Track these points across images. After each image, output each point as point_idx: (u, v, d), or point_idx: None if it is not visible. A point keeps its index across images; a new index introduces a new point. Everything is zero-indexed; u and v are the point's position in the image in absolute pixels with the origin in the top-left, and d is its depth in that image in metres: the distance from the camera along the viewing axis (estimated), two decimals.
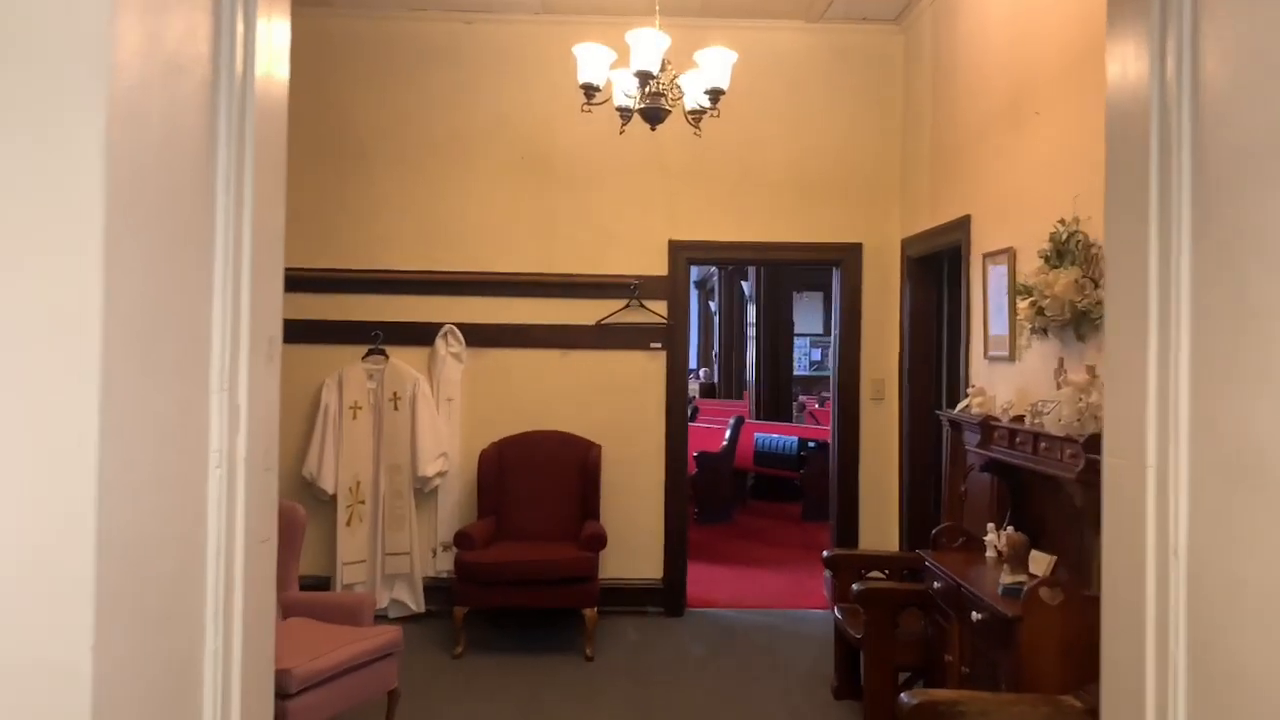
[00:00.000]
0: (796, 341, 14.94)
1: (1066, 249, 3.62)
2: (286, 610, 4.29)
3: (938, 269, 5.80)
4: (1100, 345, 3.39)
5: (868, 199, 6.02)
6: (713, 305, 15.82)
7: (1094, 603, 3.01)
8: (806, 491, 9.19)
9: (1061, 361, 3.50)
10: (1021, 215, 4.17)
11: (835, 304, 6.10)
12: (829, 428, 10.22)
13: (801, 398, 13.56)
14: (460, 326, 5.94)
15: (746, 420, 9.69)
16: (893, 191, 6.02)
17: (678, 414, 6.00)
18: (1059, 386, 3.44)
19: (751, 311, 11.12)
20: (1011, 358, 4.22)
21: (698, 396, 14.60)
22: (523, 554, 5.22)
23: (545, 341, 5.98)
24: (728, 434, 9.19)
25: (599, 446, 5.77)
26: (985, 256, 4.52)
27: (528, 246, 6.01)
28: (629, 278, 5.94)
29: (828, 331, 20.79)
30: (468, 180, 6.01)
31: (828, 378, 20.38)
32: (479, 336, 5.97)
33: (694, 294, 21.37)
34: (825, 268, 6.82)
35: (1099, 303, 3.34)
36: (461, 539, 5.27)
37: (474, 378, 5.98)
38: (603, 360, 5.98)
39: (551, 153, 6.02)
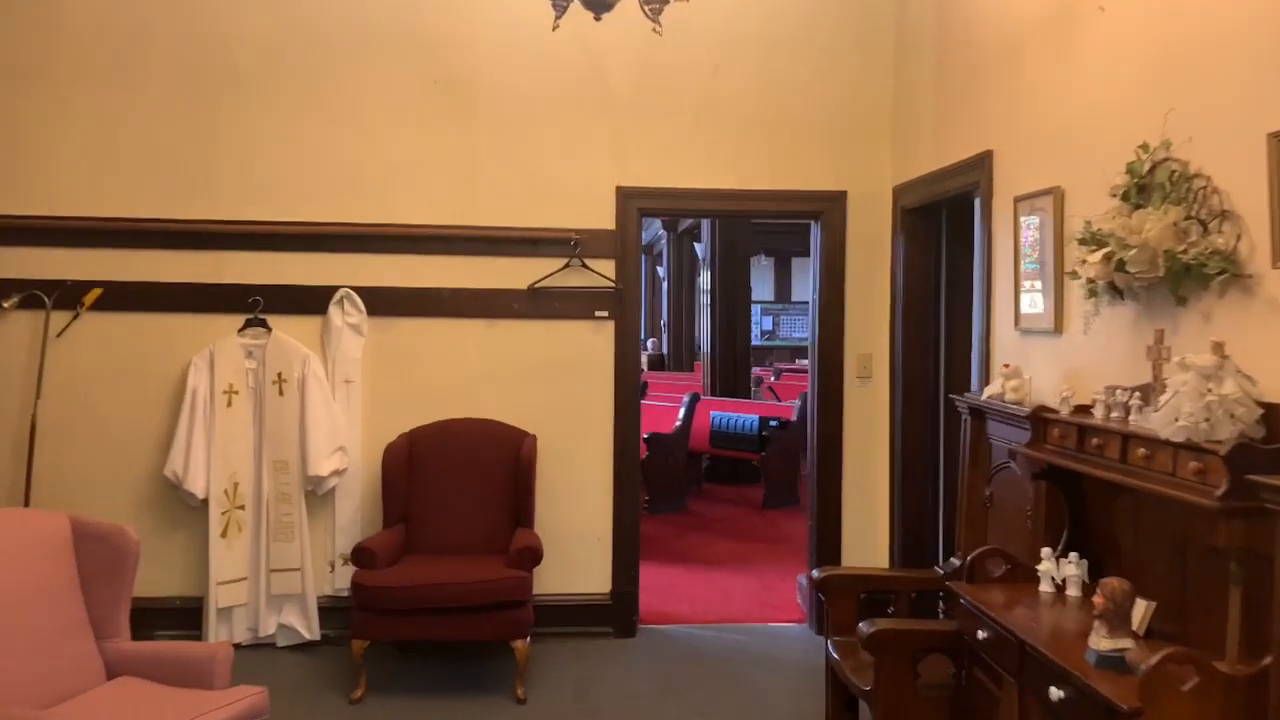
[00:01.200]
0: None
1: (1152, 183, 2.69)
2: (112, 667, 3.22)
3: (937, 221, 4.87)
4: (1209, 313, 2.48)
5: (854, 140, 5.05)
6: (661, 270, 14.83)
7: (1238, 685, 2.14)
8: (769, 475, 8.30)
9: (1160, 335, 2.58)
10: (1073, 145, 3.24)
11: (815, 264, 5.14)
12: (792, 405, 9.34)
13: (755, 370, 12.68)
14: (361, 291, 4.84)
15: (702, 397, 8.75)
16: (883, 130, 5.06)
17: (628, 394, 5.01)
18: (1159, 370, 2.52)
19: (705, 277, 10.09)
20: (1056, 329, 3.31)
21: (646, 369, 13.64)
22: (437, 574, 4.19)
23: (467, 309, 4.92)
24: (681, 413, 8.24)
25: (533, 437, 4.75)
26: (1017, 201, 3.59)
27: (445, 193, 4.92)
28: (569, 232, 4.90)
29: (780, 299, 19.98)
30: (370, 112, 4.89)
31: (781, 349, 19.62)
32: (384, 303, 4.89)
33: (642, 259, 20.39)
34: (791, 227, 5.85)
35: (1215, 252, 2.42)
36: (361, 555, 4.23)
37: (378, 354, 4.90)
38: (537, 332, 4.94)
39: (473, 78, 4.93)
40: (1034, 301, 3.49)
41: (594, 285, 4.91)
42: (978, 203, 4.00)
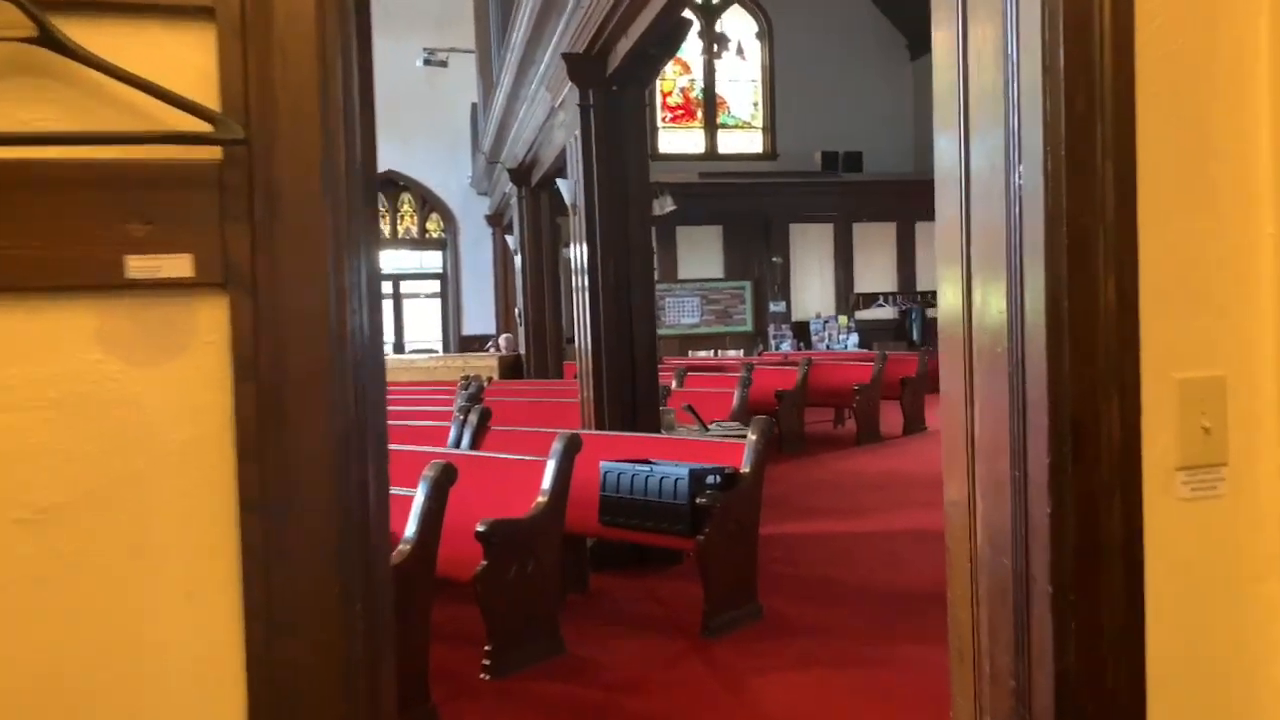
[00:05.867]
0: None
1: None
2: None
3: None
4: None
5: None
6: (511, 241, 10.98)
7: None
8: (712, 572, 4.62)
9: None
10: None
11: (1009, 65, 1.44)
12: (738, 438, 5.69)
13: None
14: None
15: (584, 437, 4.95)
16: None
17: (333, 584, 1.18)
18: None
19: (579, 246, 6.09)
20: None
21: (494, 378, 9.79)
22: None
23: None
24: (550, 473, 4.44)
25: None
26: None
27: None
28: None
29: (666, 276, 16.29)
30: None
31: (668, 339, 15.96)
32: None
33: (488, 232, 16.38)
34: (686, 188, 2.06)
35: None
36: None
37: None
38: None
39: None
40: None
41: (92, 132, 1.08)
42: None
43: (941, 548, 1.70)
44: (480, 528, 4.08)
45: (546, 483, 4.37)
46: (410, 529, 3.71)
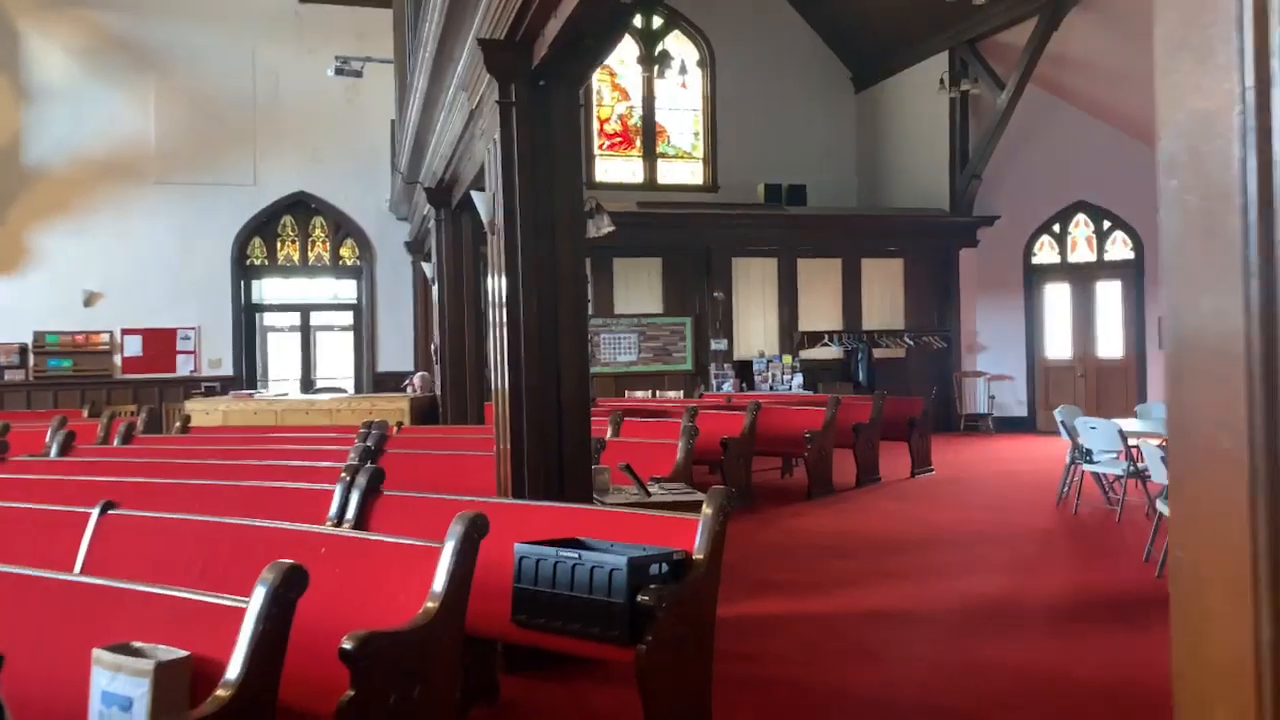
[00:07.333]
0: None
1: None
2: None
3: None
4: None
5: None
6: (429, 269, 9.88)
7: None
8: (654, 693, 3.59)
9: None
10: None
11: None
12: (689, 513, 4.64)
13: None
14: None
15: (494, 510, 3.89)
16: None
17: None
18: None
19: (497, 273, 5.00)
20: None
21: (405, 423, 8.64)
22: None
23: None
24: (445, 567, 3.38)
25: None
26: None
27: None
28: None
29: (601, 310, 15.30)
30: None
31: (602, 378, 14.96)
32: None
33: (408, 260, 15.22)
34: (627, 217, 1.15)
35: None
36: None
37: None
38: None
39: None
40: None
41: None
42: None
43: (924, 634, 0.75)
44: (346, 644, 3.00)
45: (439, 583, 3.31)
46: (235, 665, 2.60)
